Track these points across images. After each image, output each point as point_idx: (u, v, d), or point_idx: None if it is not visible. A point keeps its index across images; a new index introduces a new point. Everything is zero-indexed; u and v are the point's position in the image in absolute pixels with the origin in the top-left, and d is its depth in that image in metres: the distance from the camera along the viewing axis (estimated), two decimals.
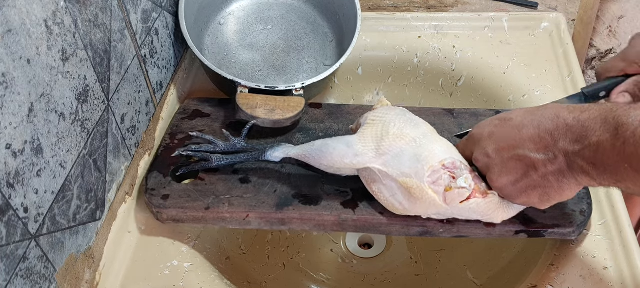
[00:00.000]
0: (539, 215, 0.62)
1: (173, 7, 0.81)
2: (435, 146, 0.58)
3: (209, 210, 0.63)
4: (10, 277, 0.47)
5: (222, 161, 0.67)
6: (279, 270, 0.80)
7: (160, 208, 0.64)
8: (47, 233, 0.52)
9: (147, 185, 0.66)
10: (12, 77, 0.46)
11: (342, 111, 0.78)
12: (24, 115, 0.48)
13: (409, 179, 0.57)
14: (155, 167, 0.68)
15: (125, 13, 0.66)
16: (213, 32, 0.85)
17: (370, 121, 0.61)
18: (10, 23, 0.45)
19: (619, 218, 0.66)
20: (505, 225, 0.61)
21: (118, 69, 0.65)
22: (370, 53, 0.92)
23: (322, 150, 0.62)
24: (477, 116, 0.76)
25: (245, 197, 0.64)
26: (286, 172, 0.67)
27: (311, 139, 0.72)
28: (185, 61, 0.86)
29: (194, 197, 0.64)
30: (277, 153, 0.65)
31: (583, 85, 0.82)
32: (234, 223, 0.63)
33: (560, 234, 0.62)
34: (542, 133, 0.51)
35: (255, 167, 0.68)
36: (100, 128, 0.61)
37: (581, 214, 0.63)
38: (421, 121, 0.61)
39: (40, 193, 0.51)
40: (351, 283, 0.81)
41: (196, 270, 0.64)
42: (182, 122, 0.75)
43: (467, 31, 0.93)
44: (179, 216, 0.64)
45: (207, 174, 0.67)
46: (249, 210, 0.63)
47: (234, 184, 0.66)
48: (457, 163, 0.57)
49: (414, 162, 0.57)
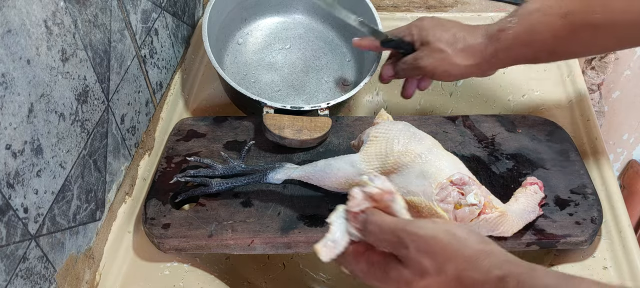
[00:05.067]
0: (549, 225, 0.61)
1: (173, 7, 0.81)
2: (442, 162, 0.56)
3: (212, 238, 0.61)
4: (10, 277, 0.47)
5: (222, 186, 0.64)
6: (279, 270, 0.80)
7: (161, 238, 0.61)
8: (47, 234, 0.52)
9: (147, 215, 0.64)
10: (12, 77, 0.46)
11: (341, 124, 0.76)
12: (23, 116, 0.48)
13: (417, 198, 0.55)
14: (153, 194, 0.66)
15: (125, 13, 0.66)
16: (232, 51, 0.85)
17: (373, 138, 0.60)
18: (10, 23, 0.45)
19: (619, 218, 0.66)
20: (516, 238, 0.60)
21: (118, 69, 0.65)
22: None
23: (326, 171, 0.60)
24: (480, 123, 0.75)
25: (248, 222, 0.63)
26: (289, 194, 0.66)
27: (312, 155, 0.71)
28: (185, 61, 0.86)
29: (196, 224, 0.62)
30: (278, 175, 0.64)
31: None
32: (238, 249, 0.62)
33: (572, 244, 0.61)
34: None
35: (257, 189, 0.66)
36: (100, 128, 0.61)
37: (592, 222, 0.62)
38: (424, 135, 0.60)
39: (40, 193, 0.51)
40: (351, 283, 0.81)
41: (196, 270, 0.64)
42: (177, 144, 0.72)
43: None
44: (181, 245, 0.62)
45: (207, 199, 0.65)
46: (253, 236, 0.61)
47: (236, 208, 0.64)
48: (465, 179, 0.55)
49: (420, 180, 0.55)
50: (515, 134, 0.73)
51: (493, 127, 0.75)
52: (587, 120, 0.77)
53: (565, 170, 0.68)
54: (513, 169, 0.68)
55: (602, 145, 0.74)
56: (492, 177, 0.68)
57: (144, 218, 0.64)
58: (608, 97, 1.12)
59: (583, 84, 0.82)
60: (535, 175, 0.66)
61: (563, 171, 0.68)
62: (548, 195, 0.65)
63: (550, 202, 0.64)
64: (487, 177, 0.68)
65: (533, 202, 0.61)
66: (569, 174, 0.67)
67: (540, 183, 0.63)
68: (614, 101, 1.12)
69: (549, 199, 0.64)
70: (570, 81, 0.84)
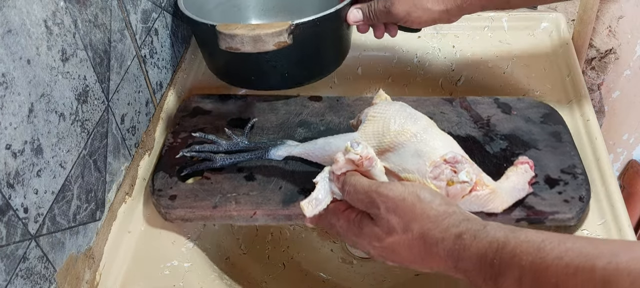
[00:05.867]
0: (539, 203, 0.63)
1: (173, 7, 0.81)
2: (436, 141, 0.59)
3: (217, 209, 0.64)
4: (10, 277, 0.47)
5: (226, 161, 0.67)
6: (279, 270, 0.80)
7: (168, 208, 0.64)
8: (47, 234, 0.52)
9: (154, 186, 0.67)
10: (12, 77, 0.46)
11: (342, 104, 0.78)
12: (24, 116, 0.48)
13: (411, 175, 0.58)
14: (161, 167, 0.69)
15: (125, 13, 0.66)
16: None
17: (371, 117, 0.62)
18: (10, 23, 0.45)
19: (619, 218, 0.66)
20: (506, 214, 0.62)
21: (118, 69, 0.65)
22: (369, 53, 0.92)
23: (325, 149, 0.63)
24: (477, 105, 0.77)
25: (251, 195, 0.65)
26: (290, 169, 0.68)
27: (312, 133, 0.74)
28: (185, 61, 0.86)
29: (201, 196, 0.65)
30: (280, 152, 0.66)
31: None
32: (241, 220, 0.64)
33: (560, 220, 0.63)
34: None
35: (259, 165, 0.69)
36: (100, 128, 0.61)
37: (580, 200, 0.64)
38: (421, 115, 0.62)
39: (40, 193, 0.51)
40: (351, 283, 0.81)
41: (196, 270, 0.64)
42: (184, 120, 0.76)
43: (466, 31, 0.93)
44: (187, 216, 0.64)
45: (212, 173, 0.68)
46: (256, 208, 0.64)
47: (240, 182, 0.67)
48: (458, 157, 0.58)
49: (415, 158, 0.58)
50: (510, 116, 0.76)
51: (489, 108, 0.77)
52: (587, 120, 0.77)
53: (557, 151, 0.70)
54: (506, 149, 0.71)
55: (602, 145, 0.74)
56: (486, 157, 0.70)
57: (151, 189, 0.67)
58: (608, 97, 1.12)
59: (583, 84, 0.82)
60: (528, 155, 0.68)
61: (554, 151, 0.70)
62: (539, 174, 0.66)
63: (541, 180, 0.66)
64: (481, 156, 0.70)
65: (523, 181, 0.63)
66: (560, 155, 0.70)
67: (531, 163, 0.65)
68: (614, 101, 1.12)
69: (540, 178, 0.66)
70: (570, 81, 0.84)
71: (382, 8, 0.70)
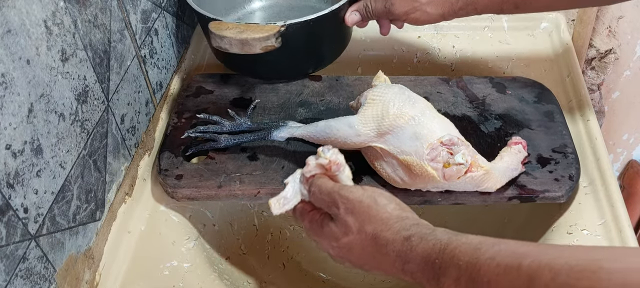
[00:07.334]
0: (530, 182, 0.66)
1: (173, 7, 0.80)
2: (434, 124, 0.60)
3: (222, 188, 0.65)
4: (10, 277, 0.47)
5: (230, 141, 0.69)
6: (279, 270, 0.80)
7: (175, 188, 0.66)
8: (46, 234, 0.52)
9: (160, 166, 0.68)
10: (11, 77, 0.46)
11: (341, 84, 0.80)
12: (23, 116, 0.48)
13: (409, 157, 0.60)
14: (166, 147, 0.70)
15: (125, 13, 0.66)
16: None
17: (370, 100, 0.63)
18: (10, 23, 0.45)
19: (619, 218, 0.66)
20: (500, 192, 0.64)
21: (118, 69, 0.65)
22: (369, 53, 0.92)
23: (326, 131, 0.64)
24: (472, 84, 0.78)
25: (254, 175, 0.67)
26: (292, 149, 0.70)
27: (313, 113, 0.75)
28: (185, 61, 0.86)
29: (206, 176, 0.66)
30: (282, 133, 0.68)
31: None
32: (246, 199, 0.66)
33: (550, 198, 0.65)
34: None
35: (262, 145, 0.70)
36: (100, 128, 0.61)
37: (570, 179, 0.66)
38: (419, 98, 0.63)
39: (40, 193, 0.51)
40: (351, 283, 0.81)
41: (196, 270, 0.64)
42: (187, 100, 0.77)
43: (466, 31, 0.93)
44: (193, 195, 0.66)
45: (216, 153, 0.69)
46: (259, 187, 0.65)
47: (243, 162, 0.68)
48: (454, 140, 0.60)
49: (413, 141, 0.59)
50: (505, 95, 0.77)
51: (485, 88, 0.78)
52: (587, 121, 0.77)
53: (549, 131, 0.72)
54: (500, 129, 0.72)
55: (602, 145, 0.74)
56: (481, 136, 0.71)
57: (158, 169, 0.68)
58: (608, 97, 1.12)
59: (583, 84, 0.82)
60: (521, 135, 0.71)
61: (547, 131, 0.72)
62: (531, 154, 0.69)
63: (533, 160, 0.68)
64: (476, 136, 0.71)
65: (516, 161, 0.65)
66: (552, 134, 0.72)
67: (524, 143, 0.67)
68: (614, 101, 1.12)
69: (532, 157, 0.68)
70: (570, 81, 0.84)
71: (381, 8, 0.72)
